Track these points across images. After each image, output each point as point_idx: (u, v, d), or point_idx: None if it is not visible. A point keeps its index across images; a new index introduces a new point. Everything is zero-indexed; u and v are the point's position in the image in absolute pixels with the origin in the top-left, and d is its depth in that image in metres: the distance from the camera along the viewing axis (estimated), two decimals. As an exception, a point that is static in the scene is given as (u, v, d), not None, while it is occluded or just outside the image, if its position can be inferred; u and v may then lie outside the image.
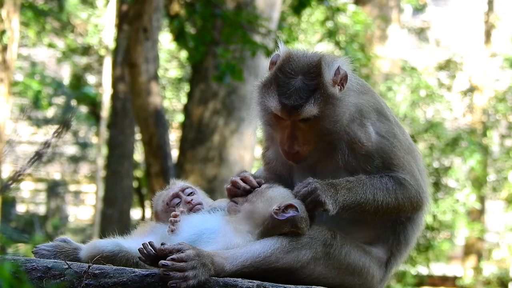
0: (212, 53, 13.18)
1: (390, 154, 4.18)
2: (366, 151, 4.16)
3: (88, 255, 4.03)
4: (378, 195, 4.09)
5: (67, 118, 7.60)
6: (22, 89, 21.50)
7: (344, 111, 4.15)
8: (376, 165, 4.16)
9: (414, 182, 4.18)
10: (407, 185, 4.15)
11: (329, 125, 4.13)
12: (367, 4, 19.97)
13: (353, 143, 4.16)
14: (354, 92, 4.23)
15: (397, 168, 4.16)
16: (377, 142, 4.18)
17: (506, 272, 20.94)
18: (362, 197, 4.07)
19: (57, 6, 21.66)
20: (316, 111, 4.08)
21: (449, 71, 21.23)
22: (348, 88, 4.20)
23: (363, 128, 4.19)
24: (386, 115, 4.30)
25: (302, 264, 3.98)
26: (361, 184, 4.09)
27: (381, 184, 4.11)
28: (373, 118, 4.23)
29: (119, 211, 16.69)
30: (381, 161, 4.17)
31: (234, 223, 4.01)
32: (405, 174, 4.17)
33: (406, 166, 4.19)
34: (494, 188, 20.93)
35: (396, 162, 4.17)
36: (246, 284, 3.79)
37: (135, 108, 13.43)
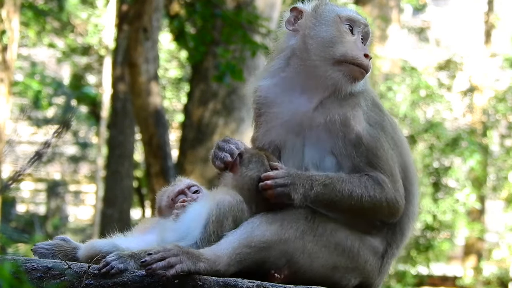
0: (212, 53, 13.18)
1: (377, 144, 4.16)
2: (356, 135, 4.14)
3: (86, 255, 4.04)
4: (355, 193, 4.08)
5: (67, 118, 7.60)
6: (22, 89, 21.51)
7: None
8: (361, 153, 4.13)
9: (393, 185, 4.15)
10: (386, 188, 4.12)
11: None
12: (367, 4, 19.98)
13: (346, 124, 4.15)
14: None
15: (378, 164, 4.14)
16: (367, 130, 4.16)
17: (506, 272, 20.93)
18: (337, 195, 4.07)
19: (57, 6, 21.66)
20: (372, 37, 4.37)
21: (449, 71, 21.22)
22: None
23: (362, 111, 4.20)
24: (380, 106, 4.31)
25: (290, 236, 3.99)
26: (340, 181, 4.08)
27: (359, 183, 4.10)
28: (374, 110, 4.25)
29: (119, 211, 16.70)
30: (366, 150, 4.14)
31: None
32: (385, 175, 4.14)
33: (389, 161, 4.17)
34: (494, 188, 20.93)
35: (380, 154, 4.15)
36: (246, 284, 3.79)
37: (135, 108, 13.43)
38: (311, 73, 4.21)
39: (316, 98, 4.21)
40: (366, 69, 4.16)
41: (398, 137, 4.33)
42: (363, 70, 4.17)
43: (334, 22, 4.22)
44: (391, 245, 4.27)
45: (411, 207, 4.32)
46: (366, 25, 4.27)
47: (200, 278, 3.80)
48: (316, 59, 4.19)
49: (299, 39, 4.27)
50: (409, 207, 4.30)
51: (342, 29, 4.21)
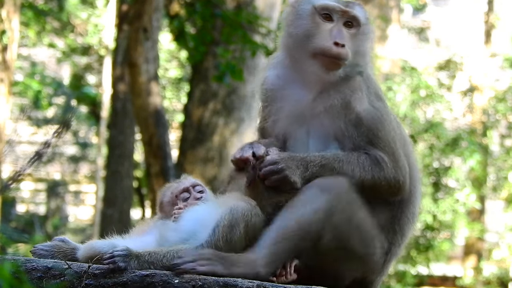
0: (212, 53, 13.18)
1: (378, 125, 4.15)
2: (356, 115, 4.14)
3: (85, 255, 4.04)
4: (351, 173, 4.06)
5: (67, 118, 7.59)
6: (22, 89, 21.51)
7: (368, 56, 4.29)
8: (362, 133, 4.13)
9: (393, 164, 4.13)
10: (384, 166, 4.11)
11: (362, 48, 4.22)
12: (367, 4, 19.97)
13: (346, 106, 4.15)
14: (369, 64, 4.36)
15: (379, 144, 4.13)
16: (368, 111, 4.16)
17: (506, 272, 20.94)
18: (334, 174, 4.06)
19: (57, 6, 21.66)
20: (364, 19, 4.25)
21: (449, 71, 21.22)
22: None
23: (361, 93, 4.20)
24: (383, 99, 4.32)
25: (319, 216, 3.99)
26: (337, 161, 4.07)
27: (358, 161, 4.09)
28: (372, 95, 4.25)
29: (119, 211, 16.70)
30: (367, 129, 4.13)
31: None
32: (385, 153, 4.12)
33: (390, 143, 4.15)
34: (494, 188, 20.94)
35: (381, 135, 4.14)
36: (246, 284, 3.79)
37: (135, 108, 13.43)
38: (299, 67, 4.26)
39: (314, 88, 4.24)
40: (336, 57, 4.13)
41: (401, 132, 4.33)
42: (336, 60, 4.15)
43: (310, 14, 4.23)
44: (393, 244, 4.26)
45: (411, 207, 4.31)
46: (344, 11, 4.20)
47: (200, 278, 3.80)
48: (297, 55, 4.25)
49: (285, 36, 4.37)
50: (409, 207, 4.29)
51: (318, 20, 4.20)
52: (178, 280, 3.77)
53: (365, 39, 4.27)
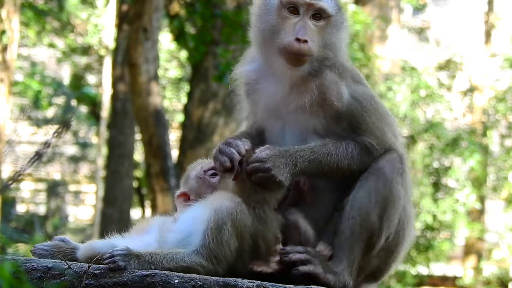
0: (212, 53, 13.18)
1: (359, 118, 4.13)
2: (336, 111, 4.12)
3: (85, 255, 4.04)
4: (342, 163, 4.07)
5: (67, 118, 7.60)
6: (22, 89, 21.50)
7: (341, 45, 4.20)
8: (344, 128, 4.12)
9: (384, 144, 4.14)
10: (374, 151, 4.11)
11: (332, 39, 4.14)
12: (367, 4, 19.97)
13: (323, 102, 4.11)
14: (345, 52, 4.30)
15: (365, 133, 4.12)
16: (348, 104, 4.13)
17: (506, 272, 20.93)
18: (324, 168, 4.07)
19: (57, 6, 21.66)
20: (331, 11, 4.13)
21: (449, 71, 21.20)
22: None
23: (337, 87, 4.14)
24: (362, 82, 4.27)
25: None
26: (326, 154, 4.07)
27: (346, 152, 4.08)
28: (348, 81, 4.18)
29: (119, 211, 16.70)
30: (349, 123, 4.12)
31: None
32: (373, 138, 4.12)
33: (375, 131, 4.14)
34: (494, 188, 20.93)
35: (364, 127, 4.12)
36: (246, 284, 3.79)
37: (135, 108, 13.43)
38: (269, 62, 4.21)
39: (286, 83, 4.18)
40: (298, 53, 4.06)
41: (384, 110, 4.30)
42: (297, 56, 4.08)
43: (276, 9, 4.15)
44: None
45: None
46: (309, 4, 4.11)
47: (200, 278, 3.80)
48: (266, 50, 4.19)
49: (254, 31, 4.27)
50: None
51: (284, 14, 4.12)
52: (178, 280, 3.77)
53: (336, 30, 4.18)
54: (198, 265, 3.90)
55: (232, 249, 3.96)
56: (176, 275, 3.80)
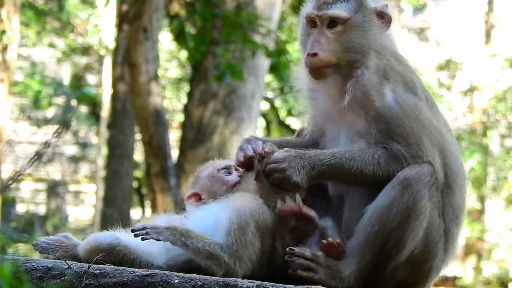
0: (212, 53, 13.18)
1: (397, 122, 4.05)
2: (375, 111, 4.07)
3: (86, 247, 4.04)
4: (367, 169, 4.01)
5: (67, 118, 7.60)
6: (22, 89, 21.50)
7: (371, 43, 4.16)
8: (381, 130, 4.05)
9: (416, 157, 4.02)
10: (403, 160, 4.02)
11: (354, 41, 4.13)
12: (367, 4, 19.94)
13: (365, 103, 4.08)
14: (388, 52, 4.21)
15: (399, 139, 4.04)
16: (389, 107, 4.07)
17: (506, 272, 20.95)
18: (346, 173, 4.02)
19: (57, 6, 21.67)
20: (346, 15, 4.12)
21: (449, 71, 21.23)
22: (384, 44, 4.22)
23: (380, 88, 4.10)
24: (415, 91, 4.17)
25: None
26: (349, 160, 4.03)
27: (372, 159, 4.02)
28: (397, 86, 4.13)
29: (119, 211, 16.70)
30: (386, 126, 4.05)
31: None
32: (405, 147, 4.03)
33: (410, 138, 4.04)
34: (494, 188, 20.94)
35: (400, 132, 4.04)
36: (246, 284, 3.79)
37: (135, 108, 13.44)
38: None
39: (336, 88, 4.20)
40: (311, 68, 4.14)
41: (435, 123, 4.17)
42: (311, 70, 4.15)
43: (303, 24, 4.26)
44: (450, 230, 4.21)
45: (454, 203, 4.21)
46: (319, 15, 4.15)
47: (200, 278, 3.79)
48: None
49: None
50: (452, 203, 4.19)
51: (308, 30, 4.21)
52: (178, 280, 3.77)
53: (356, 32, 4.16)
54: (222, 258, 3.89)
55: (256, 250, 3.96)
56: (176, 275, 3.80)
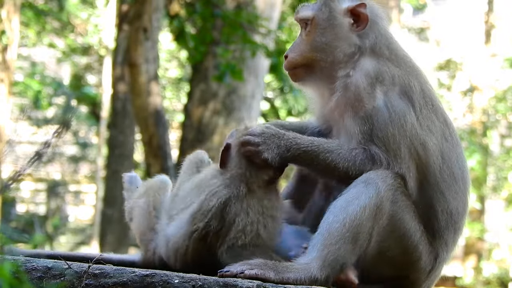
0: (212, 53, 13.18)
1: (382, 126, 4.01)
2: (364, 112, 4.04)
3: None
4: (340, 165, 3.98)
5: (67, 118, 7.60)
6: (22, 89, 21.51)
7: (337, 43, 4.16)
8: (364, 131, 4.02)
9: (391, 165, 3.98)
10: (378, 163, 3.98)
11: (318, 40, 4.18)
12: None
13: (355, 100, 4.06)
14: (385, 54, 4.17)
15: (379, 143, 4.00)
16: (378, 109, 4.03)
17: (506, 272, 20.95)
18: (319, 163, 4.00)
19: (57, 6, 21.67)
20: (309, 14, 4.22)
21: (449, 71, 21.23)
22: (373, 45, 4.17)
23: (371, 90, 4.07)
24: (411, 96, 4.11)
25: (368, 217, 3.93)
26: (325, 151, 4.01)
27: (349, 155, 4.00)
28: (391, 90, 4.09)
29: (119, 211, 16.64)
30: (369, 128, 4.02)
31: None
32: (384, 152, 3.99)
33: (390, 145, 3.99)
34: (494, 188, 20.95)
35: (381, 137, 4.01)
36: (246, 284, 3.79)
37: (135, 108, 13.44)
38: None
39: (320, 89, 4.29)
40: (285, 70, 4.30)
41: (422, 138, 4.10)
42: (287, 72, 4.29)
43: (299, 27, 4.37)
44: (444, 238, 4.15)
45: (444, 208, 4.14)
46: (295, 19, 4.31)
47: (200, 278, 3.79)
48: None
49: None
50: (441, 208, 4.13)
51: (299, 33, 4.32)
52: (178, 280, 3.76)
53: (320, 31, 4.19)
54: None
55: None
56: (176, 275, 3.80)
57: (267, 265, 3.86)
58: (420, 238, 4.04)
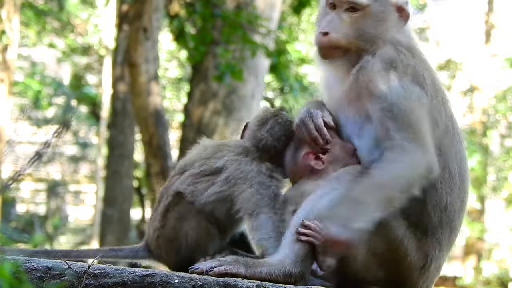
0: (212, 53, 13.18)
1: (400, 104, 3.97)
2: (380, 92, 4.01)
3: None
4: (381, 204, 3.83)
5: (67, 118, 7.61)
6: (22, 89, 21.50)
7: (383, 35, 4.16)
8: (379, 109, 3.97)
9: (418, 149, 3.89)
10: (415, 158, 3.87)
11: (368, 30, 4.14)
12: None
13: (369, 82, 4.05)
14: (404, 46, 4.19)
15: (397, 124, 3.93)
16: (394, 89, 4.01)
17: (506, 272, 20.95)
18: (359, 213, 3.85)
19: (57, 6, 21.67)
20: (365, 2, 4.14)
21: (449, 71, 21.23)
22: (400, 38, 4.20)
23: (385, 74, 4.06)
24: (423, 85, 4.11)
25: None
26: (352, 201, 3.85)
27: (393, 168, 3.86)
28: (404, 77, 4.07)
29: (119, 211, 16.69)
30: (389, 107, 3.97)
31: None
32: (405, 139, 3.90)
33: (414, 124, 3.94)
34: (494, 188, 20.95)
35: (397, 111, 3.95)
36: (246, 284, 3.78)
37: (135, 108, 13.44)
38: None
39: (343, 72, 4.19)
40: (320, 46, 4.15)
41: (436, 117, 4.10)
42: (319, 48, 4.16)
43: (323, 6, 4.27)
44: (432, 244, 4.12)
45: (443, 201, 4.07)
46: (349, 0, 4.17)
47: (200, 278, 3.79)
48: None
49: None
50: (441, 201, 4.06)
51: (324, 11, 4.21)
52: (178, 280, 3.76)
53: (372, 20, 4.16)
54: None
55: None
56: (176, 275, 3.80)
57: (238, 261, 3.85)
58: (404, 233, 3.97)
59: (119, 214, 16.65)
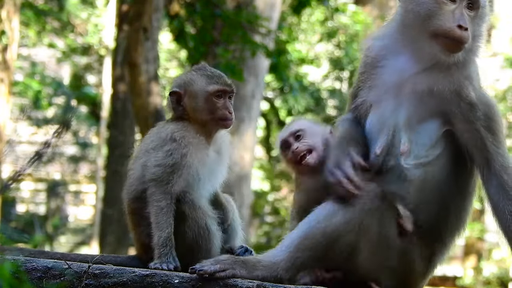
0: (212, 53, 13.18)
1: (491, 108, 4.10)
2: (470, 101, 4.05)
3: None
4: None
5: (67, 118, 7.62)
6: (22, 89, 21.50)
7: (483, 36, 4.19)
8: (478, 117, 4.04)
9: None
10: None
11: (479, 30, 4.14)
12: (367, 4, 19.96)
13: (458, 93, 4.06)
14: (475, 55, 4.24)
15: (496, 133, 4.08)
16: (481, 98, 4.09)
17: (506, 272, 20.94)
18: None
19: (57, 6, 21.67)
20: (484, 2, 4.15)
21: (449, 71, 21.18)
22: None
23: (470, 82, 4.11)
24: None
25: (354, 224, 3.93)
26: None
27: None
28: (477, 83, 4.16)
29: (119, 211, 16.63)
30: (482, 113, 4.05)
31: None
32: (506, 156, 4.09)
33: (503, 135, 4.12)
34: (494, 188, 20.90)
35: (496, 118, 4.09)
36: (246, 284, 3.79)
37: (135, 108, 13.43)
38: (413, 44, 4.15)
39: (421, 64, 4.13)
40: (459, 40, 4.03)
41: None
42: (457, 43, 4.04)
43: None
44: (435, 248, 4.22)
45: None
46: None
47: (200, 278, 3.79)
48: (415, 33, 4.12)
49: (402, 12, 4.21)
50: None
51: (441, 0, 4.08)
52: (178, 280, 3.77)
53: (482, 23, 4.18)
54: None
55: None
56: (176, 275, 3.80)
57: (237, 263, 3.87)
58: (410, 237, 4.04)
59: (119, 214, 16.59)
